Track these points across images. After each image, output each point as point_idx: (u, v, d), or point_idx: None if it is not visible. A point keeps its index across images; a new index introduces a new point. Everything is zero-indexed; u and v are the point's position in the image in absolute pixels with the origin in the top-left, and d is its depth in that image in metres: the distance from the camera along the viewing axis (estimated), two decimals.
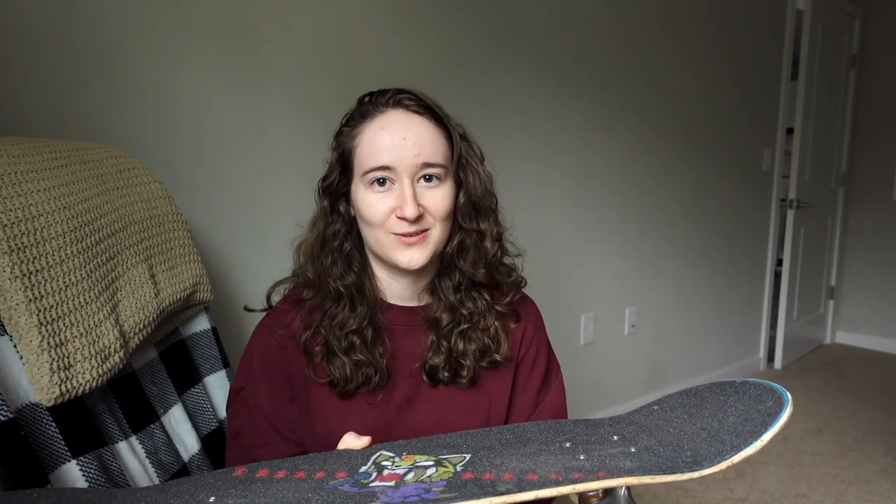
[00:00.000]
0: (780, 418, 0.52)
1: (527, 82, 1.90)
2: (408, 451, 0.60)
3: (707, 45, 2.57)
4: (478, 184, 0.76)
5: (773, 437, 0.51)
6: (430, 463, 0.56)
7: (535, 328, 0.85)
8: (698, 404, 0.61)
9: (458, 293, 0.78)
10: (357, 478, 0.55)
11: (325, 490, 0.52)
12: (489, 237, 0.77)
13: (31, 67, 1.04)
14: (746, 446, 0.51)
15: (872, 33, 3.43)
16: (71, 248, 0.69)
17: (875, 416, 2.54)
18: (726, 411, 0.58)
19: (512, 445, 0.58)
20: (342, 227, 0.77)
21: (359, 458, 0.59)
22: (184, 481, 0.58)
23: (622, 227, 2.32)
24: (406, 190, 0.69)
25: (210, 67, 1.26)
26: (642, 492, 1.90)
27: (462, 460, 0.56)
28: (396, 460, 0.58)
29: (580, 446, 0.57)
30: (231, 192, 1.31)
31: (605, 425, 0.62)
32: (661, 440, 0.57)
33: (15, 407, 0.60)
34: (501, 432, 0.62)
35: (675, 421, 0.60)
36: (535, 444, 0.58)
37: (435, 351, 0.77)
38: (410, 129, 0.70)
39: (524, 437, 0.60)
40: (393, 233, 0.71)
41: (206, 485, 0.55)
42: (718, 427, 0.56)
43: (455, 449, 0.59)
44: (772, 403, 0.55)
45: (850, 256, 3.62)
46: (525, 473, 0.52)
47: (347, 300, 0.75)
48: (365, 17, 1.49)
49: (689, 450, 0.54)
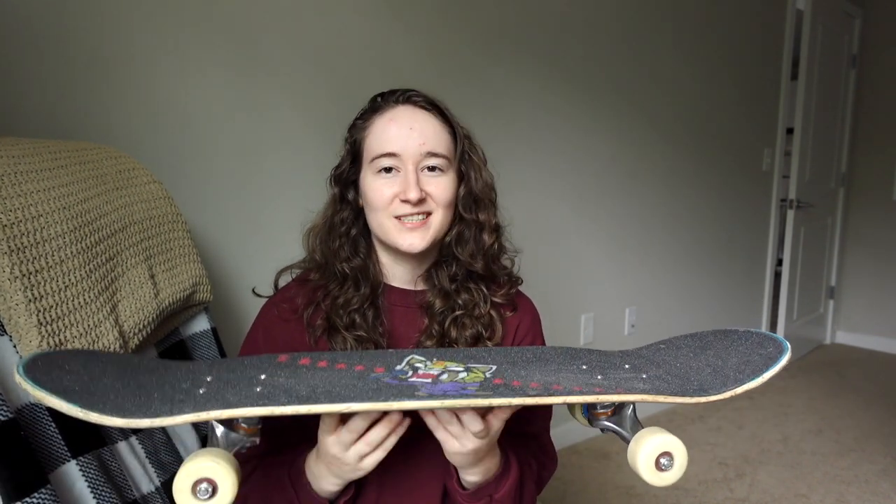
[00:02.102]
0: (781, 361, 0.59)
1: (527, 83, 1.90)
2: (438, 358, 0.64)
3: (707, 45, 2.57)
4: (479, 179, 0.80)
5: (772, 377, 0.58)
6: (461, 368, 0.61)
7: (533, 321, 0.87)
8: (702, 346, 0.67)
9: (453, 283, 0.81)
10: (395, 373, 0.59)
11: (369, 380, 0.57)
12: (487, 229, 0.81)
13: (32, 68, 1.04)
14: (749, 380, 0.57)
15: (872, 33, 3.43)
16: (71, 248, 0.69)
17: (875, 416, 2.54)
18: (729, 353, 0.64)
19: (533, 363, 0.64)
20: (350, 214, 0.81)
21: (393, 357, 0.63)
22: (231, 361, 0.61)
23: (622, 227, 2.32)
24: (410, 175, 0.74)
25: (210, 68, 1.26)
26: (643, 492, 1.90)
27: (489, 369, 0.61)
28: (428, 363, 0.62)
29: (596, 369, 0.62)
30: (231, 192, 1.31)
31: (616, 356, 0.68)
32: (668, 371, 0.63)
33: (15, 407, 0.61)
34: (522, 352, 0.67)
35: (682, 358, 0.66)
36: (555, 364, 0.63)
37: (428, 335, 0.80)
38: (416, 122, 0.76)
39: (544, 358, 0.65)
40: (396, 216, 0.75)
41: (253, 364, 0.59)
42: (722, 365, 0.62)
43: (481, 360, 0.64)
44: (772, 349, 0.61)
45: (850, 256, 3.62)
46: (550, 385, 0.57)
47: (352, 282, 0.79)
48: (365, 20, 1.49)
49: (695, 381, 0.60)
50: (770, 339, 0.63)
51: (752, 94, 2.87)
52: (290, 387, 0.53)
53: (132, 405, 0.48)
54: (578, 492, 1.91)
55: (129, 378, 0.53)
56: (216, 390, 0.53)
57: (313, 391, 0.53)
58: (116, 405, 0.48)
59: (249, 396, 0.51)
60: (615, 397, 0.55)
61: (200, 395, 0.51)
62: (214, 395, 0.52)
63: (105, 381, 0.51)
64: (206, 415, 0.49)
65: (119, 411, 0.47)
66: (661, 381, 0.59)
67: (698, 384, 0.59)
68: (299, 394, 0.52)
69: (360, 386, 0.54)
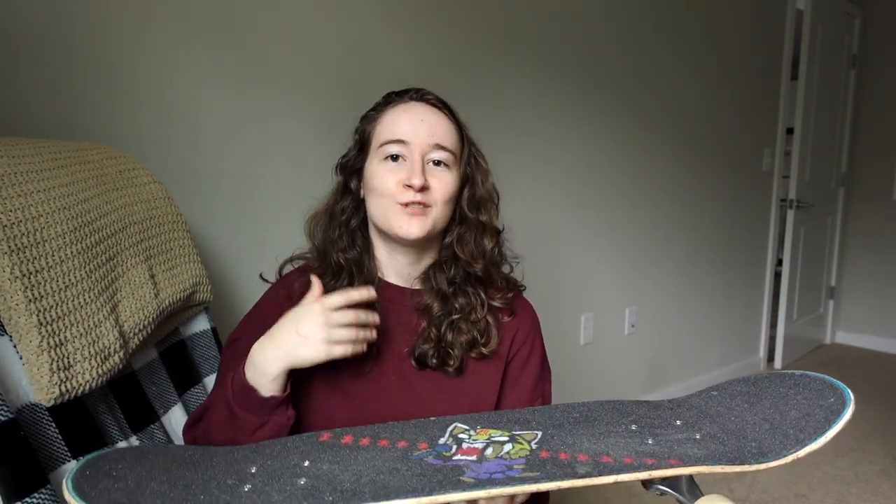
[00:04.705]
0: (844, 415, 0.53)
1: (526, 83, 1.90)
2: (482, 425, 0.62)
3: (707, 44, 2.57)
4: (483, 182, 0.82)
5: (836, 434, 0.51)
6: (506, 438, 0.59)
7: (532, 328, 0.87)
8: (758, 393, 0.62)
9: (451, 286, 0.82)
10: (438, 450, 0.57)
11: (412, 461, 0.55)
12: (489, 233, 0.82)
13: (32, 68, 1.04)
14: (811, 441, 0.52)
15: (872, 33, 3.43)
16: (71, 248, 0.69)
17: (875, 416, 2.54)
18: (788, 404, 0.58)
19: (580, 424, 0.60)
20: (350, 204, 0.83)
21: (435, 428, 0.62)
22: (274, 443, 0.61)
23: (622, 227, 2.32)
24: (416, 164, 0.76)
25: (210, 69, 1.26)
26: (643, 491, 1.89)
27: (535, 437, 0.59)
28: (472, 433, 0.60)
29: (646, 429, 0.58)
30: (231, 192, 1.31)
31: (665, 408, 0.63)
32: (723, 427, 0.58)
33: (15, 407, 0.61)
34: (568, 410, 0.64)
35: (736, 409, 0.61)
36: (602, 425, 0.60)
37: (425, 338, 0.80)
38: (427, 115, 0.78)
39: (590, 417, 0.62)
40: (398, 202, 0.76)
41: (296, 449, 0.58)
42: (780, 420, 0.57)
43: (525, 425, 0.61)
44: (834, 400, 0.56)
45: (850, 256, 3.62)
46: (599, 456, 0.53)
47: (347, 274, 0.81)
48: (364, 20, 1.49)
49: (753, 440, 0.55)
50: (830, 387, 0.58)
51: (752, 94, 2.87)
52: (333, 476, 0.52)
53: None
54: (578, 492, 1.91)
55: (175, 478, 0.52)
56: (260, 487, 0.52)
57: (358, 480, 0.52)
58: None
59: (294, 495, 0.50)
60: (669, 472, 0.51)
61: (246, 494, 0.51)
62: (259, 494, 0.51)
63: (152, 485, 0.51)
64: None
65: None
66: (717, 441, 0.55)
67: (757, 445, 0.54)
68: (343, 486, 0.51)
69: (403, 471, 0.53)
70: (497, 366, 0.83)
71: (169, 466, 0.55)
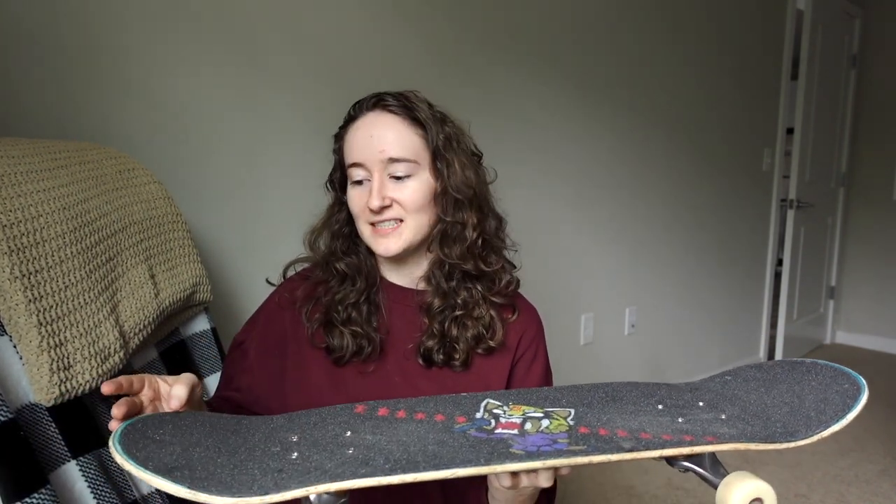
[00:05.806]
0: (861, 398, 0.56)
1: (526, 83, 1.90)
2: (513, 401, 0.61)
3: (707, 44, 2.57)
4: (455, 176, 0.78)
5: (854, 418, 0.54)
6: (541, 414, 0.58)
7: (537, 332, 0.87)
8: (772, 379, 0.64)
9: (450, 281, 0.81)
10: (478, 423, 0.57)
11: (455, 433, 0.54)
12: (470, 227, 0.79)
13: (31, 68, 1.04)
14: (833, 422, 0.54)
15: (872, 33, 3.43)
16: (70, 248, 0.69)
17: (875, 416, 2.54)
18: (804, 389, 0.60)
19: (609, 403, 0.61)
20: (345, 215, 0.83)
21: (468, 403, 0.61)
22: (308, 413, 0.60)
23: (622, 227, 2.32)
24: (374, 184, 0.75)
25: (211, 68, 1.26)
26: (643, 491, 1.90)
27: (568, 414, 0.59)
28: (506, 409, 0.60)
29: (673, 409, 0.59)
30: (231, 192, 1.31)
31: (685, 391, 0.64)
32: (744, 409, 0.59)
33: (15, 407, 0.60)
34: (593, 390, 0.64)
35: (753, 392, 0.62)
36: (630, 404, 0.60)
37: (429, 335, 0.80)
38: (376, 128, 0.76)
39: (616, 396, 0.62)
40: (369, 223, 0.77)
41: (333, 419, 0.57)
42: (799, 403, 0.58)
43: (555, 402, 0.61)
44: (848, 386, 0.58)
45: (850, 256, 3.62)
46: (637, 432, 0.54)
47: (350, 280, 0.82)
48: (365, 22, 1.49)
49: (777, 422, 0.56)
50: (842, 374, 0.60)
51: (752, 95, 2.87)
52: (381, 446, 0.52)
53: (231, 478, 0.47)
54: (578, 491, 1.91)
55: (219, 443, 0.52)
56: (308, 455, 0.51)
57: (406, 451, 0.51)
58: (220, 481, 0.46)
59: (348, 462, 0.49)
60: (709, 448, 0.52)
61: (295, 462, 0.50)
62: (309, 461, 0.50)
63: (199, 450, 0.50)
64: (314, 489, 0.47)
65: (226, 489, 0.46)
66: (744, 422, 0.56)
67: (782, 426, 0.55)
68: (394, 455, 0.50)
69: (450, 443, 0.52)
70: (504, 359, 0.83)
71: (210, 432, 0.54)
